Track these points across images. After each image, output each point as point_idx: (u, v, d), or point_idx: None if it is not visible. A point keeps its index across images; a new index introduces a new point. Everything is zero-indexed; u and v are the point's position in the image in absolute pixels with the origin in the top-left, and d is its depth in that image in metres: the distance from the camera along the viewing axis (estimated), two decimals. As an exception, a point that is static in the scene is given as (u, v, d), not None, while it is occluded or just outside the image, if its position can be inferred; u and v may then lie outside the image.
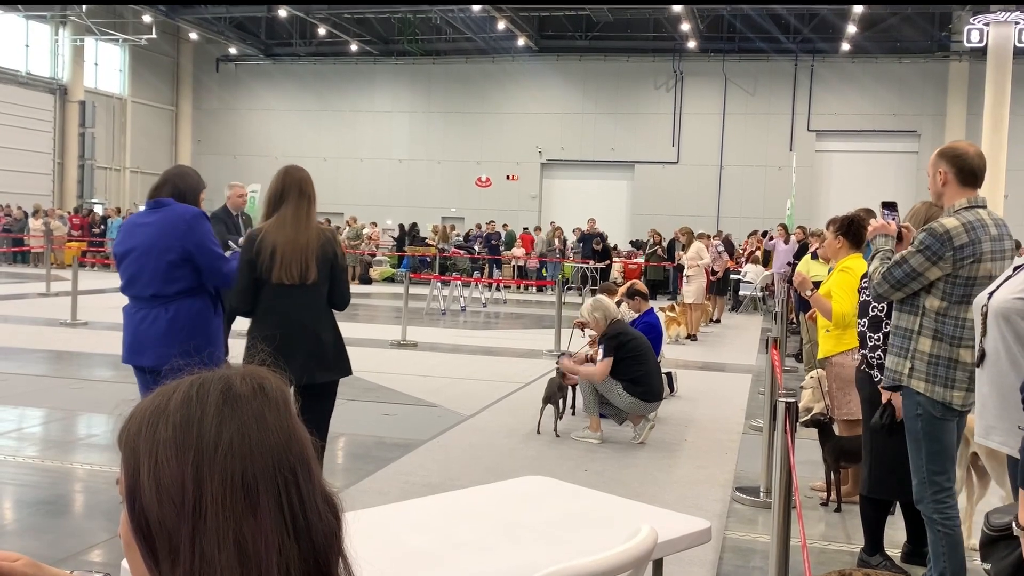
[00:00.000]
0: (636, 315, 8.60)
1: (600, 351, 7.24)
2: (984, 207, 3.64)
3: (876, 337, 4.36)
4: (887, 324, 4.10)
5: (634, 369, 7.00)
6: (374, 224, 28.87)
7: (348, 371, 4.43)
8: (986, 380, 2.97)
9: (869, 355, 4.41)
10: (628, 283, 9.01)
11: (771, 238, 18.74)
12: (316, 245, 4.18)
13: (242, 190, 7.77)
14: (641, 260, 23.94)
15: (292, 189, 4.21)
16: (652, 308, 8.79)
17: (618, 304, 9.04)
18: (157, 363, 4.32)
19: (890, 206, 3.93)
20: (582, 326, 8.31)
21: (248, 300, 4.22)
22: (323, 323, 4.29)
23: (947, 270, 3.52)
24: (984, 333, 2.95)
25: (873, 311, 4.42)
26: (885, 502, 4.48)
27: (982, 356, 2.96)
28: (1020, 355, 2.87)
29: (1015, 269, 2.97)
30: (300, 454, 1.00)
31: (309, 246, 4.16)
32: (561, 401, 7.29)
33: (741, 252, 22.13)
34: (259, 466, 0.97)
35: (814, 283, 7.04)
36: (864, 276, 4.35)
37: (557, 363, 7.65)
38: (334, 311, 4.39)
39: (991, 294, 2.98)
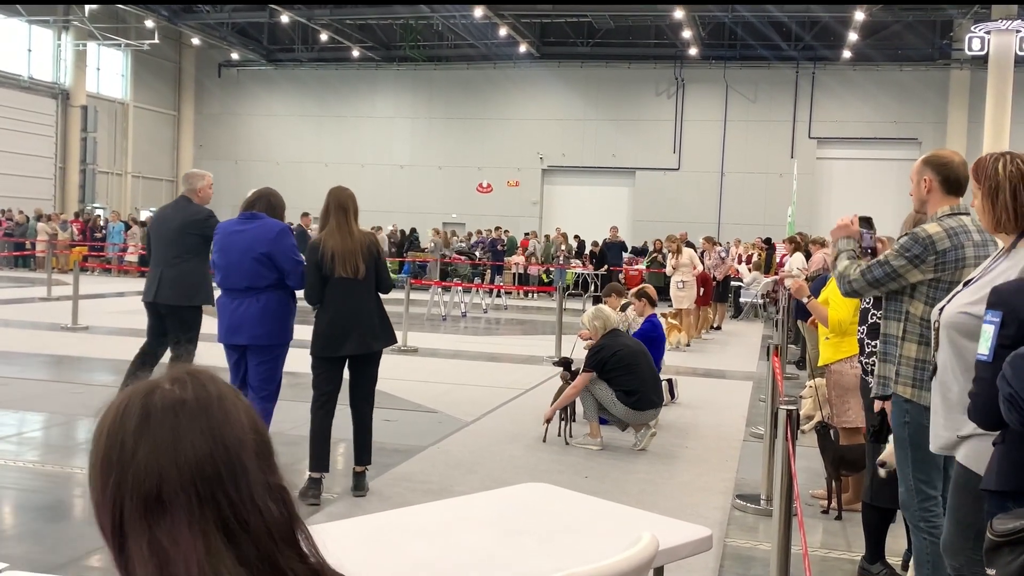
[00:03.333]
0: (641, 318, 8.63)
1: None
2: (967, 214, 3.67)
3: (874, 344, 4.37)
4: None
5: (624, 380, 7.02)
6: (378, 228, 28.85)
7: (394, 340, 5.71)
8: (937, 391, 3.07)
9: (866, 362, 4.41)
10: (638, 287, 9.02)
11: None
12: (362, 247, 5.39)
13: (210, 179, 6.91)
14: (641, 267, 23.96)
15: (335, 206, 5.41)
16: (656, 313, 8.82)
17: (625, 307, 9.07)
18: (250, 341, 5.54)
19: (866, 222, 4.00)
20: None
21: (318, 293, 5.43)
22: (372, 306, 5.50)
23: (928, 274, 3.54)
24: (937, 347, 3.05)
25: (872, 318, 4.42)
26: (887, 510, 4.47)
27: (935, 369, 3.08)
28: (958, 369, 2.99)
29: (965, 283, 3.05)
30: (226, 458, 1.00)
31: (357, 249, 5.36)
32: (570, 409, 7.29)
33: (738, 256, 22.07)
34: (175, 480, 0.98)
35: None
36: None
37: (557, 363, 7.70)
38: (381, 296, 5.60)
39: (942, 308, 3.05)
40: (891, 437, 3.84)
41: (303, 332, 5.74)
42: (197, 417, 1.01)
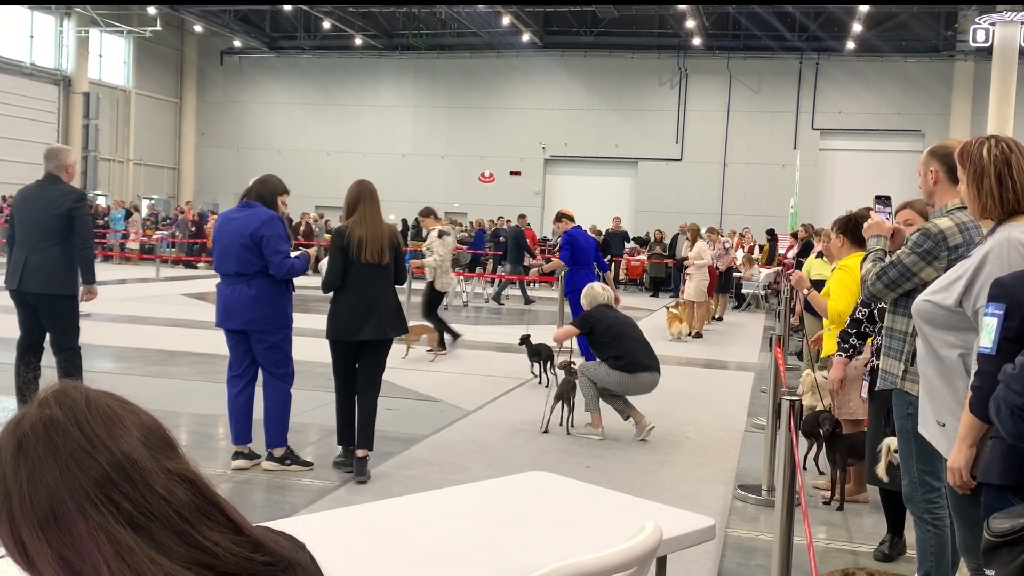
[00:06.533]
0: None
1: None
2: None
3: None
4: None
5: (612, 348, 7.09)
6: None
7: (406, 330, 6.01)
8: (920, 379, 3.12)
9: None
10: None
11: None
12: (388, 236, 5.67)
13: (75, 154, 7.06)
14: (643, 257, 23.88)
15: (366, 196, 5.67)
16: (579, 226, 10.11)
17: (442, 233, 10.91)
18: (246, 327, 5.67)
19: (884, 200, 3.91)
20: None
21: (339, 278, 5.63)
22: (391, 294, 5.77)
23: (941, 271, 3.48)
24: (916, 333, 3.14)
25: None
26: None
27: (913, 354, 3.12)
28: (928, 357, 3.04)
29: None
30: (111, 458, 1.01)
31: (384, 236, 5.63)
32: (572, 399, 7.28)
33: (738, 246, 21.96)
34: (64, 495, 0.99)
35: (817, 281, 7.04)
36: None
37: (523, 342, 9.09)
38: (396, 286, 5.86)
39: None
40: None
41: (308, 320, 5.77)
42: (69, 429, 1.02)
